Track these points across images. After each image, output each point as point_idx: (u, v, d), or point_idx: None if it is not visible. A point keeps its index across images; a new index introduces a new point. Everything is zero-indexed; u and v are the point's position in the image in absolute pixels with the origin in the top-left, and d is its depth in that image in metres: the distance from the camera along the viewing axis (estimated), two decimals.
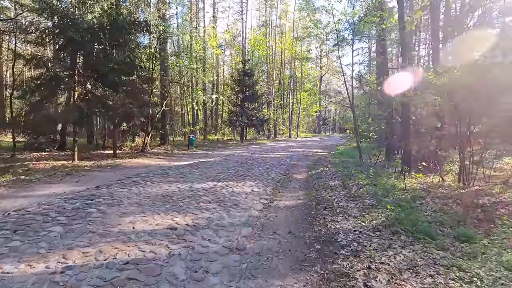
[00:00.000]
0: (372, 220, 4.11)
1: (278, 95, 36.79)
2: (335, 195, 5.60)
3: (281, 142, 24.75)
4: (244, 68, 22.90)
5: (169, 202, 4.67)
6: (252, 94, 22.98)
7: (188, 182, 6.31)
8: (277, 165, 9.94)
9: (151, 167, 9.23)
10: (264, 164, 9.98)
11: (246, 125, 22.81)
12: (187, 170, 8.21)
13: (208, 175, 7.43)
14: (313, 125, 57.17)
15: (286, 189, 6.45)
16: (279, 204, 5.15)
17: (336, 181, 6.87)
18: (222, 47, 38.23)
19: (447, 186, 6.73)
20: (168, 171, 7.96)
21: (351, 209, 4.65)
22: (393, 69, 15.80)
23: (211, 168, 8.62)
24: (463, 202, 5.16)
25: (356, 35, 10.88)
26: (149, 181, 6.25)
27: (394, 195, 5.50)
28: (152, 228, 3.54)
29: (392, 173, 8.36)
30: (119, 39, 9.85)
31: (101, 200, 4.58)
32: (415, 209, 4.66)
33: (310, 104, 46.69)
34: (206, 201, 4.87)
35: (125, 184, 5.94)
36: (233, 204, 4.85)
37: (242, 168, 8.84)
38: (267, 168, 9.11)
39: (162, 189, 5.53)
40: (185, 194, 5.26)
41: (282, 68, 35.21)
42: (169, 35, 15.83)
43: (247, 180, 7.02)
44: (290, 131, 35.16)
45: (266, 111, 28.63)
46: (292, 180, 7.53)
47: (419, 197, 5.50)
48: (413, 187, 6.61)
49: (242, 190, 5.92)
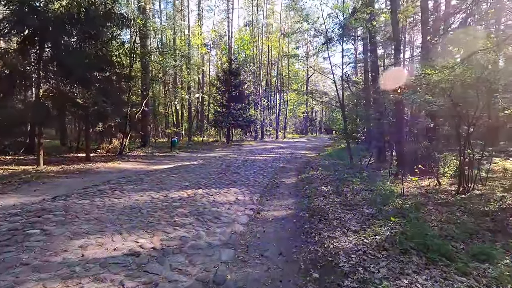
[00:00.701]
0: (375, 235, 3.53)
1: (265, 96, 36.28)
2: (329, 203, 5.01)
3: (269, 143, 24.19)
4: (230, 67, 22.16)
5: (136, 217, 3.91)
6: (238, 94, 22.27)
7: (164, 190, 5.56)
8: (265, 168, 9.30)
9: (126, 171, 8.37)
10: (250, 167, 9.32)
11: (232, 126, 22.07)
12: (165, 175, 7.42)
13: (188, 181, 6.68)
14: (300, 126, 57.07)
15: (275, 196, 5.81)
16: (267, 215, 4.51)
17: (329, 187, 6.31)
18: (208, 46, 37.39)
19: (446, 191, 6.31)
20: (144, 176, 7.15)
21: (349, 221, 4.07)
22: (385, 66, 15.56)
23: (192, 173, 7.87)
24: (469, 211, 4.70)
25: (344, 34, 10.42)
26: (118, 190, 5.45)
27: (393, 203, 4.98)
28: (108, 254, 2.79)
29: (387, 176, 7.91)
30: (90, 31, 8.91)
31: (51, 216, 3.76)
32: (420, 220, 4.13)
33: (297, 105, 46.50)
34: (182, 214, 4.15)
35: (88, 193, 5.11)
36: (214, 217, 4.16)
37: (226, 172, 8.15)
38: (254, 172, 8.46)
39: (132, 200, 4.75)
40: (157, 205, 4.51)
41: (269, 68, 34.74)
42: (150, 31, 14.89)
43: (232, 186, 6.33)
44: (277, 132, 34.69)
45: (253, 111, 27.99)
46: (281, 186, 6.91)
47: (420, 204, 5.01)
48: (411, 192, 6.14)
49: (226, 199, 5.23)
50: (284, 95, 39.49)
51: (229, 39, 27.49)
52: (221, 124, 21.01)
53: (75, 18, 8.89)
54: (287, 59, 37.50)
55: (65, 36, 9.16)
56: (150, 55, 13.94)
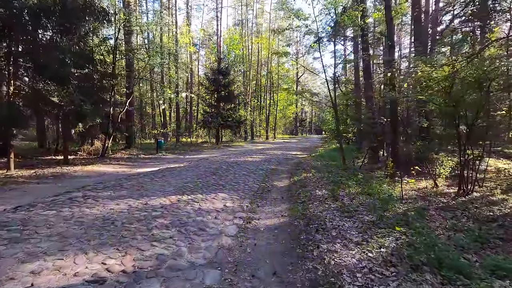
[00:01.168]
0: (379, 247, 3.15)
1: (255, 96, 35.89)
2: (325, 209, 4.62)
3: (259, 144, 23.78)
4: (219, 67, 21.64)
5: (108, 231, 3.40)
6: (227, 94, 21.75)
7: (145, 197, 5.03)
8: (255, 170, 8.87)
9: (106, 175, 7.76)
10: (240, 169, 8.87)
11: (222, 126, 21.54)
12: (148, 179, 6.87)
13: (173, 185, 6.17)
14: (290, 126, 57.02)
15: (266, 201, 5.39)
16: (259, 224, 4.07)
17: (323, 190, 5.93)
18: (197, 46, 36.75)
19: (445, 193, 6.04)
20: (124, 181, 6.58)
21: (349, 230, 3.68)
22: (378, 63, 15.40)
23: (178, 176, 7.35)
24: (474, 216, 4.41)
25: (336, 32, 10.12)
26: (92, 197, 4.89)
27: (393, 208, 4.64)
28: (64, 283, 2.29)
29: (382, 178, 7.62)
30: (67, 24, 8.25)
31: (3, 232, 3.20)
32: (424, 228, 3.79)
33: (287, 106, 46.30)
34: (162, 226, 3.66)
35: (57, 202, 4.53)
36: (199, 228, 3.69)
37: (214, 175, 7.66)
38: (244, 174, 8.01)
39: (106, 209, 4.22)
40: (135, 215, 4.00)
41: (259, 68, 34.37)
42: (134, 26, 14.21)
43: (220, 191, 5.86)
44: (267, 132, 34.35)
45: (243, 112, 27.54)
46: (273, 189, 6.49)
47: (421, 209, 4.69)
48: (410, 195, 5.84)
49: (213, 205, 4.76)
50: (274, 96, 39.22)
51: (218, 38, 26.97)
52: (210, 125, 20.46)
53: (50, 10, 8.22)
54: (277, 59, 37.28)
55: (39, 30, 8.47)
56: (134, 52, 13.26)
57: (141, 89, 25.46)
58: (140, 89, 25.63)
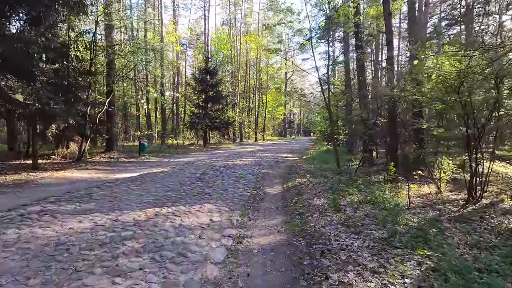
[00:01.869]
0: (402, 277, 2.55)
1: (244, 97, 35.23)
2: (327, 223, 4.01)
3: (248, 146, 23.12)
4: (207, 66, 20.87)
5: (59, 262, 2.64)
6: (215, 94, 21.00)
7: (116, 211, 4.27)
8: (245, 175, 8.20)
9: (78, 183, 6.89)
10: (229, 174, 8.17)
11: (209, 128, 20.74)
12: (124, 187, 6.07)
13: (152, 195, 5.41)
14: (279, 128, 56.67)
15: (259, 213, 4.73)
16: (252, 244, 3.41)
17: (322, 199, 5.33)
18: (184, 46, 35.85)
19: (452, 201, 5.58)
20: (95, 190, 5.76)
21: (360, 251, 3.07)
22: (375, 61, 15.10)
23: (159, 183, 6.58)
24: (495, 229, 3.92)
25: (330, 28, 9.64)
26: (50, 213, 4.08)
27: (404, 220, 4.08)
28: None
29: (382, 182, 7.12)
30: (33, 13, 7.35)
31: None
32: (445, 245, 3.24)
33: (276, 107, 45.86)
34: (132, 252, 2.94)
35: (3, 220, 3.71)
36: (178, 253, 2.98)
37: (200, 181, 6.94)
38: (233, 180, 7.32)
39: (63, 230, 3.44)
40: (99, 237, 3.25)
41: (247, 69, 33.75)
42: (115, 20, 13.28)
43: (206, 201, 5.16)
44: (257, 134, 33.74)
45: (231, 113, 26.82)
46: (266, 197, 5.84)
47: (434, 221, 4.16)
48: (416, 203, 5.33)
49: (197, 220, 4.06)
50: (263, 97, 38.72)
51: (205, 37, 26.21)
52: (197, 126, 19.63)
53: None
54: (266, 60, 36.80)
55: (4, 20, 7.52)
56: (114, 48, 12.34)
57: (125, 89, 24.34)
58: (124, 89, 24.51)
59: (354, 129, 16.28)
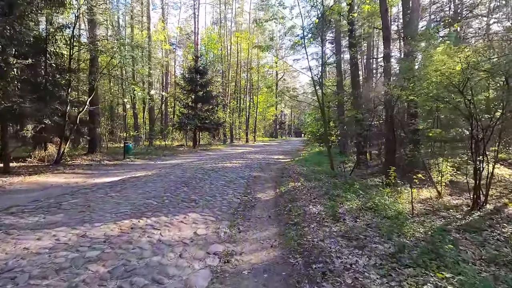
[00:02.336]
0: None
1: (235, 98, 34.71)
2: (326, 235, 3.58)
3: (239, 148, 22.61)
4: (196, 65, 20.26)
5: None
6: (205, 94, 20.41)
7: (86, 224, 3.72)
8: (235, 179, 7.72)
9: (52, 189, 6.25)
10: (217, 178, 7.67)
11: (199, 129, 20.13)
12: (101, 194, 5.50)
13: (131, 203, 4.87)
14: (270, 129, 56.39)
15: (250, 223, 4.27)
16: (241, 263, 2.94)
17: (318, 206, 4.91)
18: (174, 46, 35.19)
19: (456, 207, 5.26)
20: (67, 198, 5.16)
21: (367, 272, 2.65)
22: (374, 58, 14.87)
23: (141, 189, 6.03)
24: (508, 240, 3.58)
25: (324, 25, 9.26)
26: (6, 228, 3.49)
27: (409, 230, 3.70)
28: None
29: (379, 186, 6.78)
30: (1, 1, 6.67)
31: None
32: (459, 261, 2.86)
33: (267, 108, 45.49)
34: (95, 279, 2.42)
35: None
36: (152, 279, 2.48)
37: (187, 186, 6.42)
38: (222, 185, 6.83)
39: (16, 250, 2.88)
40: (57, 260, 2.70)
41: (238, 69, 33.24)
42: (98, 15, 12.57)
43: (191, 210, 4.66)
44: (247, 135, 33.24)
45: (222, 114, 26.27)
46: (257, 204, 5.39)
47: (441, 230, 3.80)
48: (418, 210, 4.98)
49: (179, 234, 3.56)
50: (254, 98, 38.29)
51: (195, 35, 25.61)
52: (186, 127, 18.99)
53: None
54: (257, 61, 36.40)
55: None
56: (96, 43, 11.65)
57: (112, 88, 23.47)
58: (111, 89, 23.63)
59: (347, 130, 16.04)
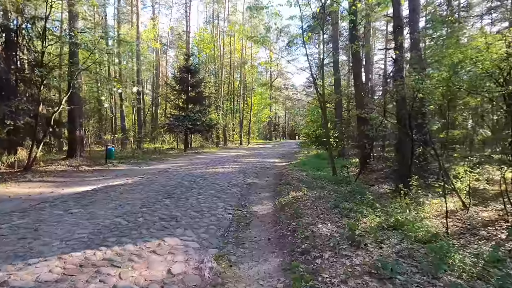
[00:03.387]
0: None
1: (228, 99, 33.73)
2: (348, 273, 2.63)
3: (232, 150, 21.62)
4: (187, 64, 19.25)
5: None
6: (196, 95, 19.42)
7: (17, 260, 2.69)
8: (227, 187, 6.74)
9: (4, 203, 5.17)
10: (207, 187, 6.68)
11: (190, 131, 19.07)
12: (60, 211, 4.44)
13: (93, 224, 3.84)
14: (264, 131, 55.60)
15: (245, 250, 3.30)
16: None
17: (329, 224, 3.96)
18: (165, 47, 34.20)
19: (491, 223, 4.39)
20: (13, 218, 4.08)
21: None
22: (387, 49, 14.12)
23: (113, 203, 4.99)
24: None
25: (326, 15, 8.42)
26: None
27: (457, 262, 2.78)
28: None
29: (391, 195, 5.90)
30: None
31: None
32: None
33: (261, 109, 44.62)
34: None
35: None
36: None
37: (169, 198, 5.41)
38: (212, 195, 5.84)
39: None
40: None
41: (231, 70, 32.26)
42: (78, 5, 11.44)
43: (170, 231, 3.66)
44: (241, 137, 32.26)
45: (214, 115, 25.25)
46: (253, 221, 4.43)
47: (497, 260, 2.90)
48: (452, 229, 4.08)
49: (146, 274, 2.56)
50: (248, 99, 37.38)
51: (187, 34, 24.60)
52: (176, 129, 17.92)
53: None
54: (251, 62, 35.53)
55: None
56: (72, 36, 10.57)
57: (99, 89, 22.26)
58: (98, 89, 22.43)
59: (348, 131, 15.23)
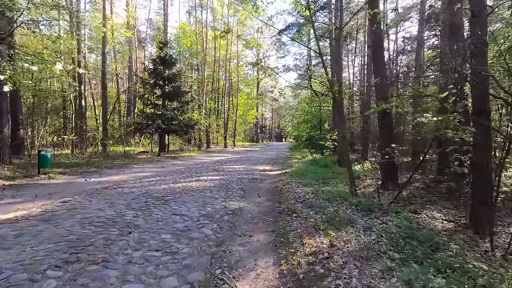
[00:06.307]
0: None
1: (212, 98, 30.98)
2: None
3: (215, 154, 18.93)
4: (161, 54, 16.43)
5: None
6: (173, 89, 16.64)
7: None
8: (197, 223, 4.14)
9: None
10: (162, 221, 4.05)
11: (165, 131, 16.23)
12: None
13: None
14: (250, 133, 53.14)
15: None
16: None
17: None
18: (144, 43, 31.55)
19: None
20: None
21: None
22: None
23: None
24: None
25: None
26: None
27: None
28: None
29: (462, 232, 3.53)
30: None
31: None
32: None
33: (247, 110, 42.09)
34: None
35: None
36: None
37: (79, 254, 2.76)
38: (162, 246, 3.23)
39: None
40: None
41: (216, 67, 29.51)
42: None
43: None
44: (226, 139, 29.57)
45: (196, 114, 22.48)
46: None
47: None
48: None
49: None
50: (234, 99, 34.79)
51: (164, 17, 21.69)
52: (146, 129, 15.04)
53: None
54: (237, 60, 33.00)
55: None
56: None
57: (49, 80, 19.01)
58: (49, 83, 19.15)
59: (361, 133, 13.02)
